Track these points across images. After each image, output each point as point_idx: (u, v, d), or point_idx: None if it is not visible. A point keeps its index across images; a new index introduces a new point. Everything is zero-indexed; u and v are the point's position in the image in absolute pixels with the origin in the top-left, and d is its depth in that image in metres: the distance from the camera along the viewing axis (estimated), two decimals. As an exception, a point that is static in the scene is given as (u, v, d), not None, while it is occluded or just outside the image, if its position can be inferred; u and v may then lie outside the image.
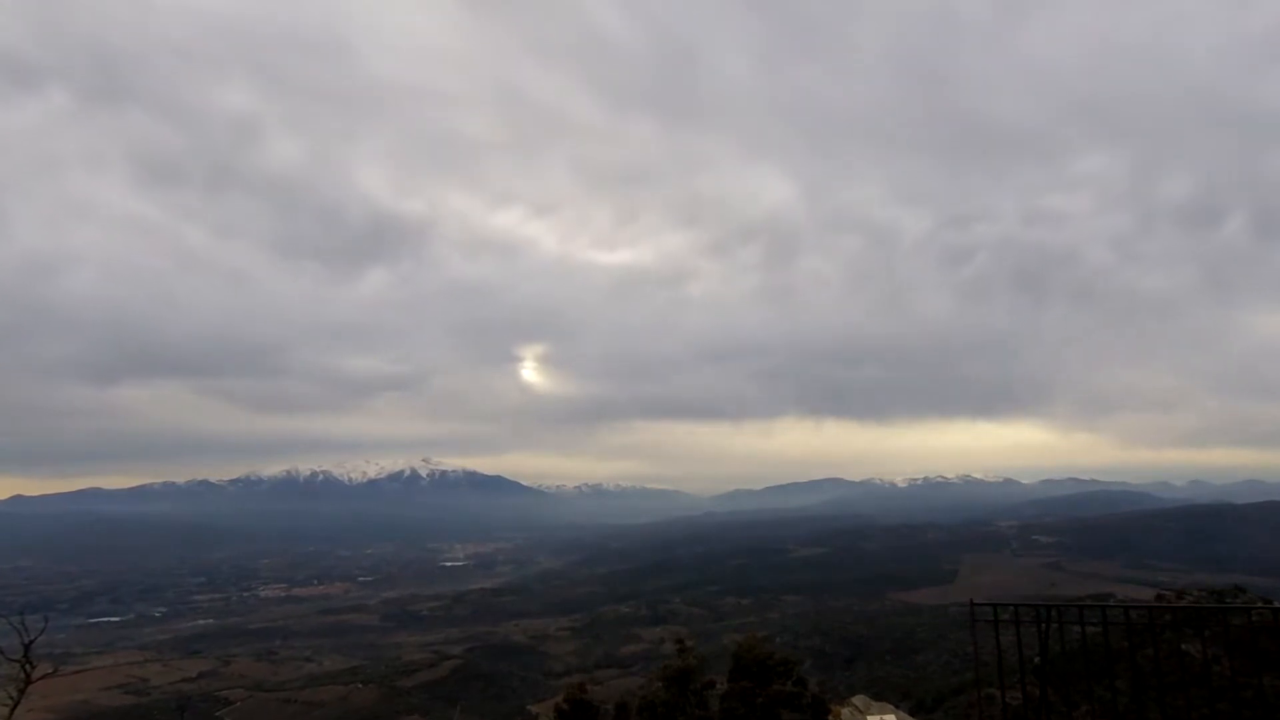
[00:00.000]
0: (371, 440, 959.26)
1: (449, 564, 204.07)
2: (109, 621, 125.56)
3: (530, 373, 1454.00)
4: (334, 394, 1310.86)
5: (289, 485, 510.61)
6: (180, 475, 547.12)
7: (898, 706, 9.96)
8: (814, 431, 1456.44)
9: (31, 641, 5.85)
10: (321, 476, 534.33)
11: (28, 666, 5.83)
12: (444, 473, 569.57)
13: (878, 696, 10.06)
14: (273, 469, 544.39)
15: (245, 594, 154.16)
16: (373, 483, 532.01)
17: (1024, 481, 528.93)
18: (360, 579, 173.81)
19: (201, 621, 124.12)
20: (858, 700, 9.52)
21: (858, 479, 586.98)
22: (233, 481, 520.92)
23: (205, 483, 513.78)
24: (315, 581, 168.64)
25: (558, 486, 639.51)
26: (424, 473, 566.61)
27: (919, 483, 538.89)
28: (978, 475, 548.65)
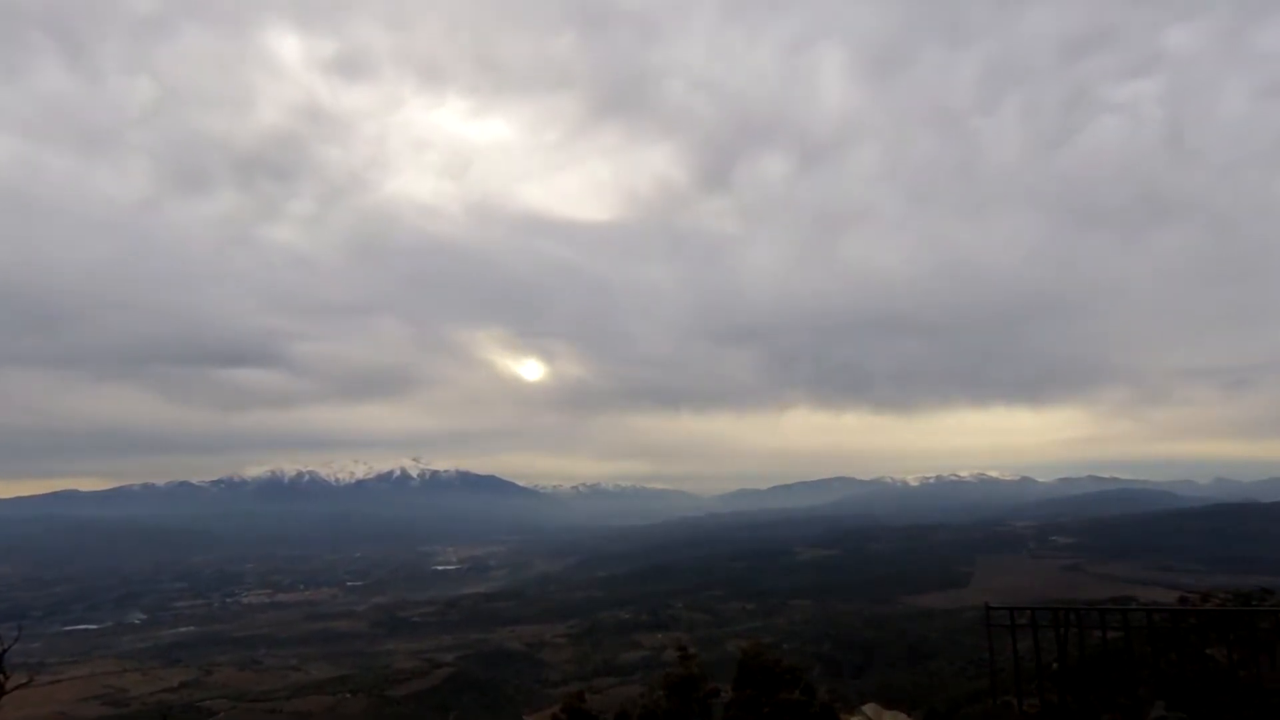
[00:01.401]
0: (359, 438, 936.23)
1: (441, 568, 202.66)
2: (86, 629, 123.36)
3: (517, 362, 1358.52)
4: (292, 385, 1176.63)
5: (273, 486, 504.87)
6: (160, 476, 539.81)
7: (910, 714, 9.78)
8: (826, 424, 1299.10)
9: (5, 651, 5.70)
10: (307, 477, 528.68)
11: (1, 677, 5.69)
12: (435, 473, 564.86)
13: (889, 704, 9.88)
14: (256, 469, 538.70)
15: (228, 600, 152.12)
16: (361, 483, 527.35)
17: (1041, 480, 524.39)
18: (348, 584, 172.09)
19: (183, 629, 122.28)
20: (868, 708, 9.32)
21: (867, 478, 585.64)
22: (214, 482, 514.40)
23: (186, 484, 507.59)
24: (301, 586, 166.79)
25: (554, 487, 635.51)
26: (414, 472, 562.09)
27: (931, 481, 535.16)
28: (993, 474, 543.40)
